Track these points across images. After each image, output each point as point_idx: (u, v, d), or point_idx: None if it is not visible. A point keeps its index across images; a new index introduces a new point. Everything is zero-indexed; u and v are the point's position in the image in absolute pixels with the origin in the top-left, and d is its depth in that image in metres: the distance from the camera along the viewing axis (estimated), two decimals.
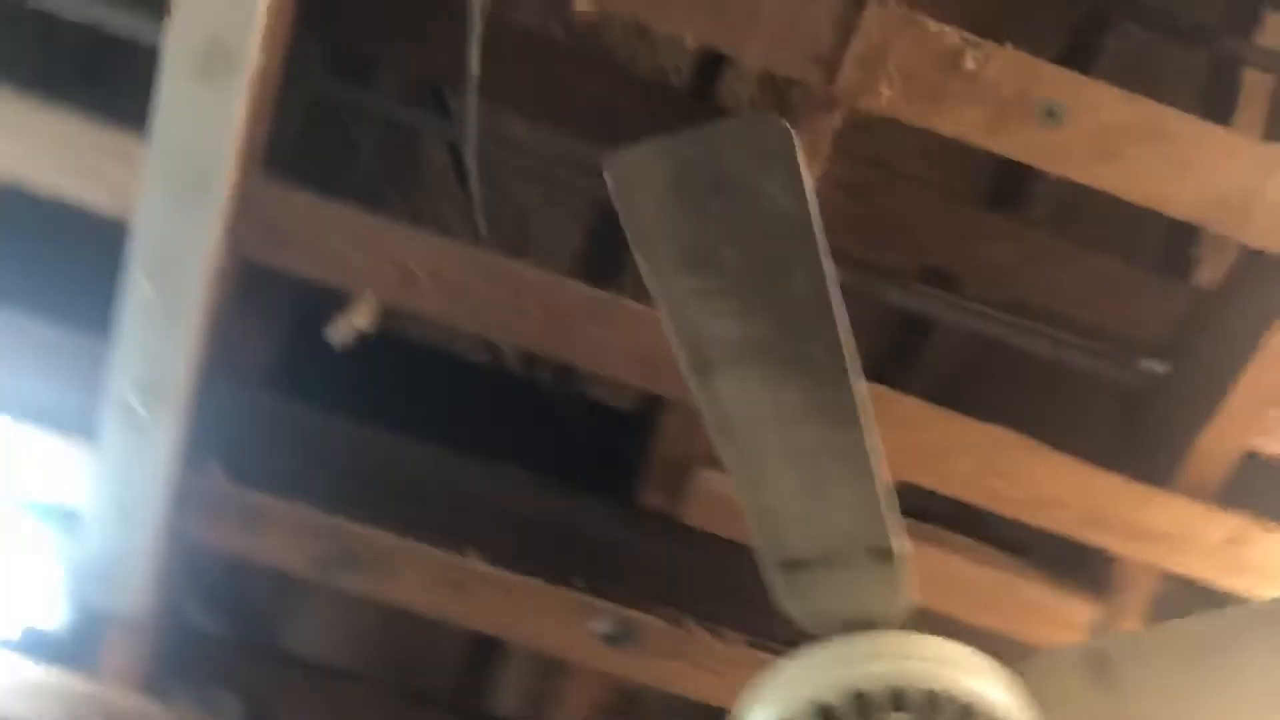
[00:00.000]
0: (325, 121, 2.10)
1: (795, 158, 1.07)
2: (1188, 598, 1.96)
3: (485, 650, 2.55)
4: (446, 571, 1.97)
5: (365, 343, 1.80)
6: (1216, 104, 2.21)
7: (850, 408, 1.30)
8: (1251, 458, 1.94)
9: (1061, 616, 1.97)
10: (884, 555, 1.40)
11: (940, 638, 1.45)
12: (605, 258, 2.20)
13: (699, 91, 2.25)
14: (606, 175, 1.11)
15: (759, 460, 1.35)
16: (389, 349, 1.95)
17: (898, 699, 1.38)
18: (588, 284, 1.80)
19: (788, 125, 1.06)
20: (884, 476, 1.36)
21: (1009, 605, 1.98)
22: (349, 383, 1.96)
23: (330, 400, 1.96)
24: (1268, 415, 1.88)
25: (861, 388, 1.28)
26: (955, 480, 1.88)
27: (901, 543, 1.40)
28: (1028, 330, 2.04)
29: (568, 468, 2.02)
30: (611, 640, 2.01)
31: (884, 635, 1.44)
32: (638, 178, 1.13)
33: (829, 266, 1.16)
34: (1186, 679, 1.46)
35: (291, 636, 2.71)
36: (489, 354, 2.23)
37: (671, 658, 2.03)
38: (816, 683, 1.41)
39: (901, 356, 2.23)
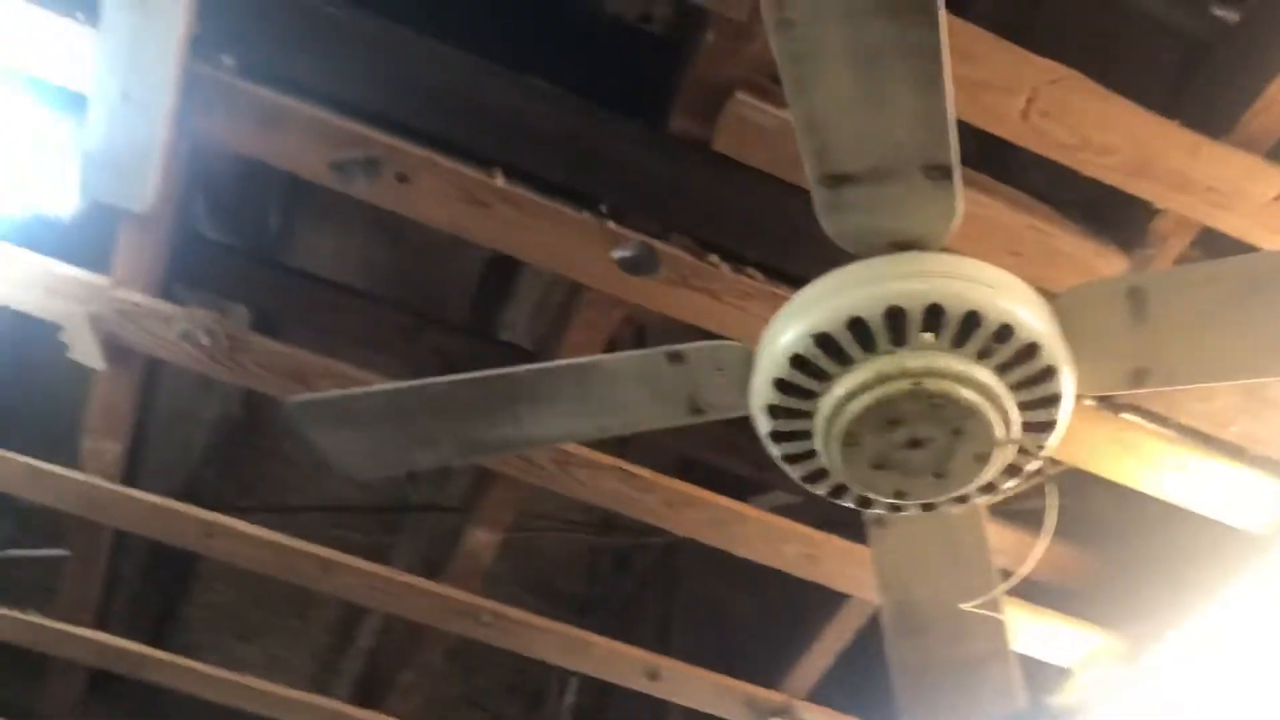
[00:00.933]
0: None
1: None
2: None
3: (499, 274, 2.54)
4: (469, 186, 1.92)
5: None
6: None
7: (929, 2, 1.20)
8: None
9: (1091, 268, 1.94)
10: (939, 172, 1.34)
11: (983, 263, 1.42)
12: None
13: None
14: None
15: (818, 57, 1.26)
16: None
17: (934, 317, 1.37)
18: None
19: None
20: (949, 87, 1.28)
21: (1040, 253, 1.95)
22: None
23: None
24: None
25: None
26: (1005, 119, 1.79)
27: (954, 161, 1.34)
28: None
29: (600, 89, 1.92)
30: (632, 267, 1.99)
31: (927, 255, 1.41)
32: None
33: None
34: (1225, 314, 1.44)
35: (303, 252, 2.69)
36: None
37: (691, 288, 2.01)
38: (854, 296, 1.38)
39: None
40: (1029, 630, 2.55)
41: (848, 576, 2.49)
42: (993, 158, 2.04)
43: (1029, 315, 1.39)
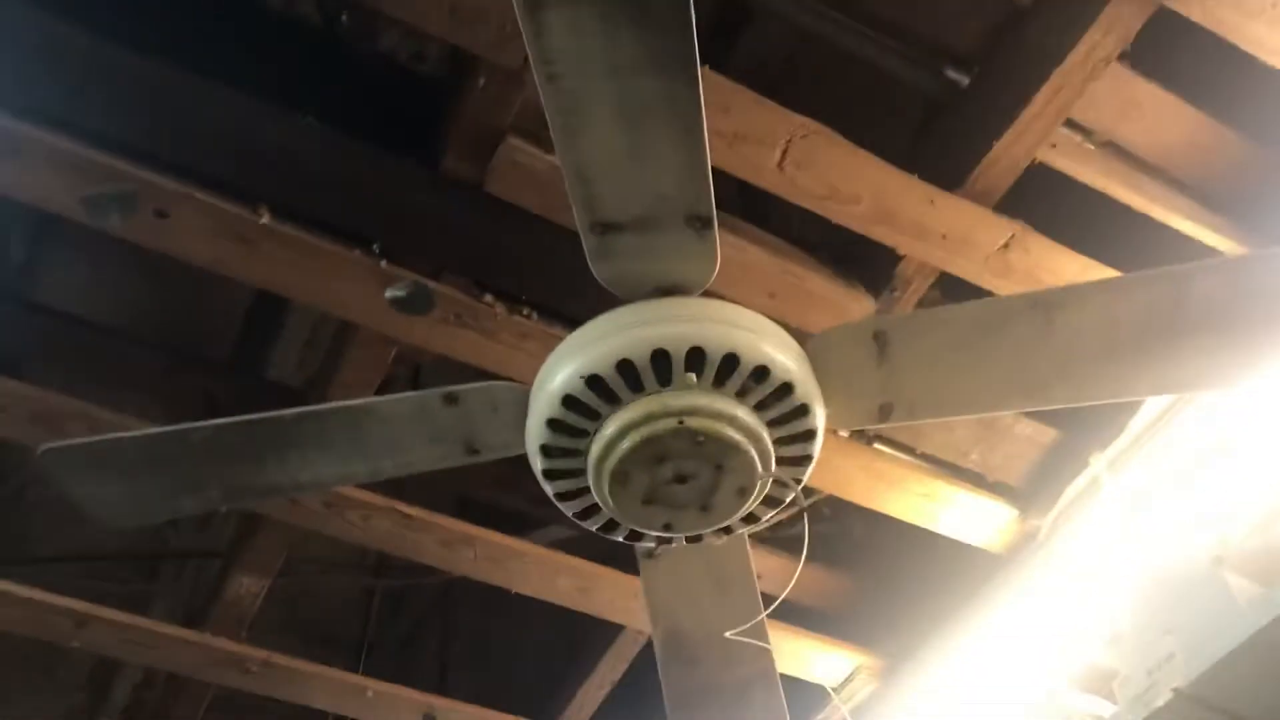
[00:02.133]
0: None
1: None
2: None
3: (266, 312, 2.48)
4: (232, 223, 1.87)
5: None
6: None
7: (689, 61, 1.27)
8: (1038, 170, 2.05)
9: (843, 308, 2.07)
10: (700, 222, 1.41)
11: (741, 307, 1.50)
12: None
13: None
14: None
15: (585, 110, 1.31)
16: None
17: (696, 358, 1.43)
18: None
19: None
20: (706, 143, 1.35)
21: (795, 295, 2.06)
22: (134, 3, 1.76)
23: (110, 23, 1.76)
24: (1058, 130, 1.97)
25: (695, 46, 1.26)
26: (762, 169, 1.90)
27: (713, 212, 1.41)
28: (842, 24, 2.03)
29: (372, 128, 1.91)
30: (405, 306, 1.99)
31: (689, 300, 1.48)
32: None
33: None
34: (958, 355, 1.57)
35: (51, 287, 2.55)
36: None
37: (466, 328, 2.03)
38: (622, 340, 1.43)
39: (720, 35, 2.19)
40: (791, 652, 2.67)
41: (620, 608, 2.55)
42: (753, 205, 2.16)
43: (783, 357, 1.47)
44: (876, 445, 2.36)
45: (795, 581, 1.94)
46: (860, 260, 2.11)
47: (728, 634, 1.73)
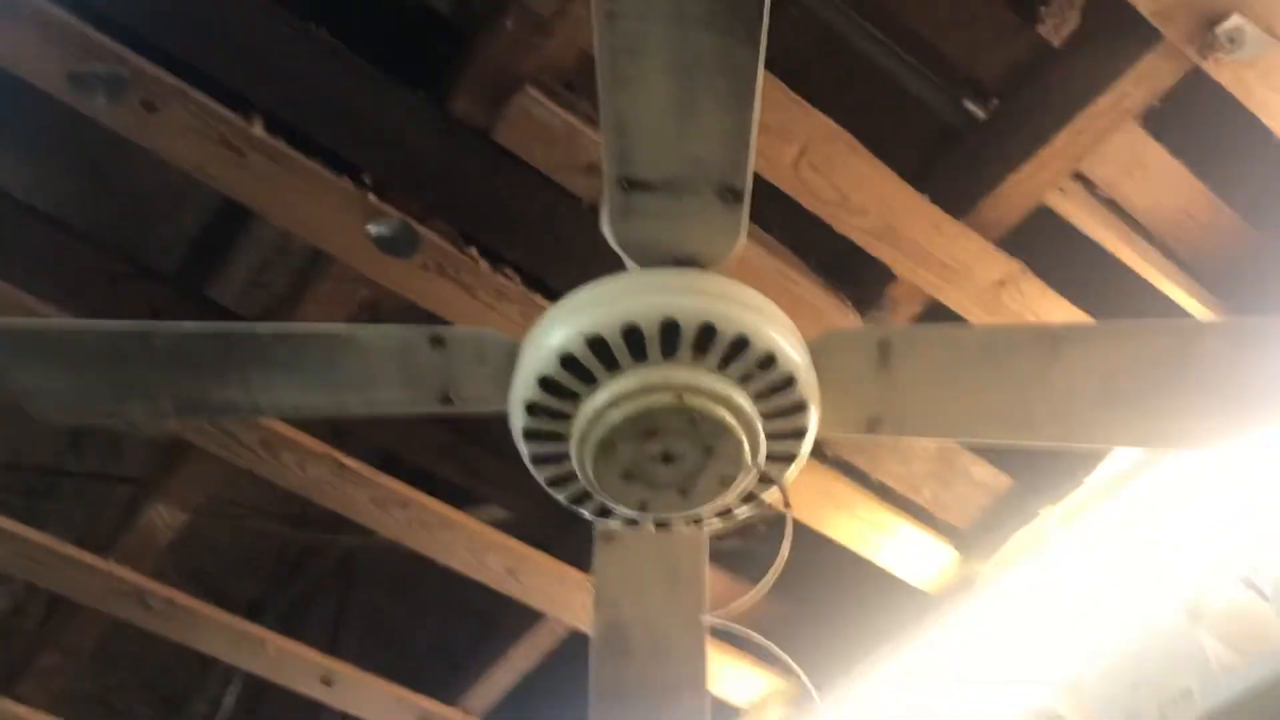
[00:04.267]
0: None
1: None
2: None
3: (216, 236, 2.37)
4: (223, 129, 1.78)
5: None
6: None
7: (755, 25, 1.22)
8: (1037, 215, 2.04)
9: (829, 320, 2.03)
10: (731, 195, 1.36)
11: (756, 292, 1.45)
12: None
13: None
14: None
15: (639, 56, 1.25)
16: None
17: (705, 336, 1.38)
18: None
19: None
20: (756, 114, 1.31)
21: (784, 299, 1.93)
22: None
23: None
24: (1068, 177, 1.96)
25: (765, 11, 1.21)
26: (778, 165, 1.86)
27: (748, 187, 1.37)
28: (867, 32, 2.01)
29: (384, 53, 1.83)
30: (387, 245, 1.90)
31: (705, 274, 1.43)
32: None
33: None
34: (958, 376, 1.54)
35: None
36: None
37: (445, 278, 1.95)
38: (633, 304, 1.38)
39: None
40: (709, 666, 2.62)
41: (546, 595, 2.48)
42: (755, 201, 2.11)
43: (791, 349, 1.43)
44: (832, 468, 2.33)
45: (723, 596, 1.90)
46: (852, 276, 2.08)
47: (704, 616, 1.65)
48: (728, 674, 2.68)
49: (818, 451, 2.30)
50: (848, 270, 2.09)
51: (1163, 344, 1.55)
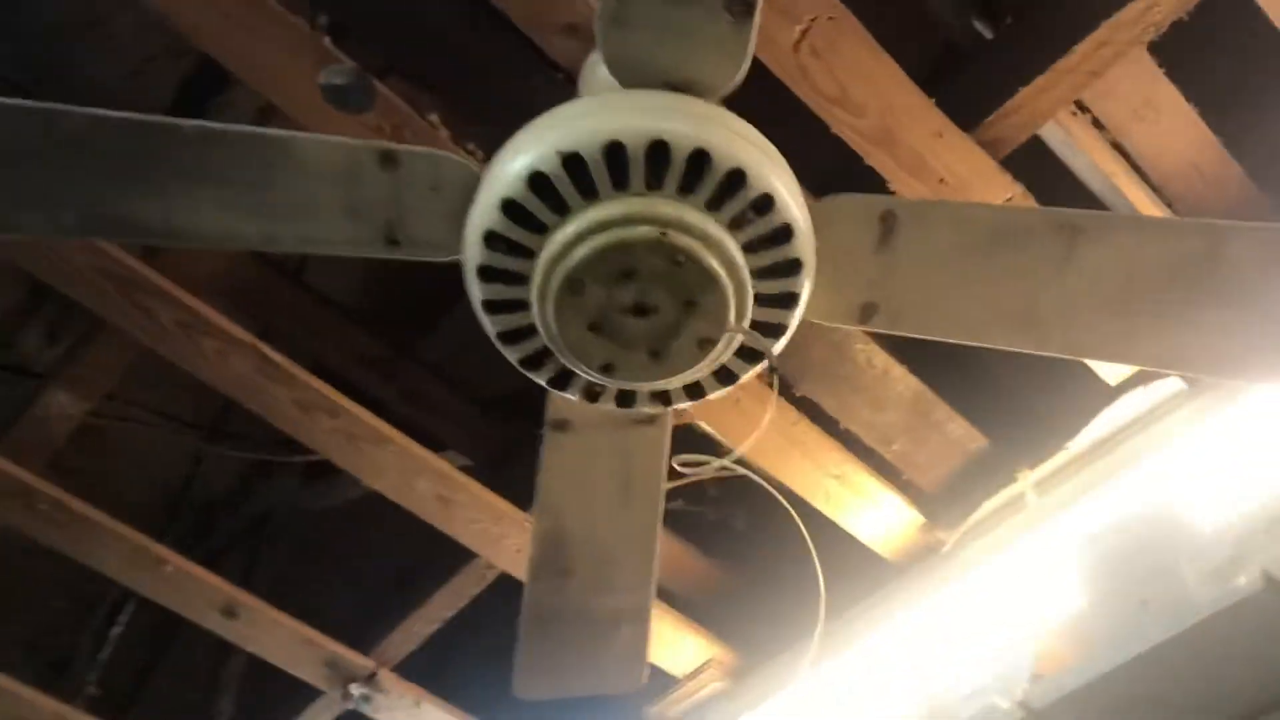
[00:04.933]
0: None
1: None
2: None
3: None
4: None
5: None
6: None
7: None
8: (1042, 149, 1.92)
9: None
10: (742, 9, 1.21)
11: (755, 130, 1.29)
12: None
13: None
14: None
15: None
16: None
17: (696, 167, 1.21)
18: None
19: None
20: None
21: None
22: None
23: None
24: (1076, 108, 1.84)
25: None
26: (778, 48, 1.71)
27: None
28: None
29: None
30: (339, 98, 1.71)
31: (702, 101, 1.26)
32: None
33: None
34: (964, 262, 1.38)
35: None
36: None
37: (398, 141, 1.76)
38: (619, 121, 1.20)
39: None
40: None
41: (479, 531, 2.28)
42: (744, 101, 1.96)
43: (790, 196, 1.26)
44: (800, 411, 2.16)
45: (664, 560, 1.73)
46: (840, 187, 1.93)
47: (677, 461, 1.47)
48: (664, 642, 2.49)
49: (784, 388, 2.15)
50: (838, 186, 1.93)
51: (1191, 245, 1.41)
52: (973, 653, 2.18)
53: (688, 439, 1.68)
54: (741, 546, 2.66)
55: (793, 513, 1.86)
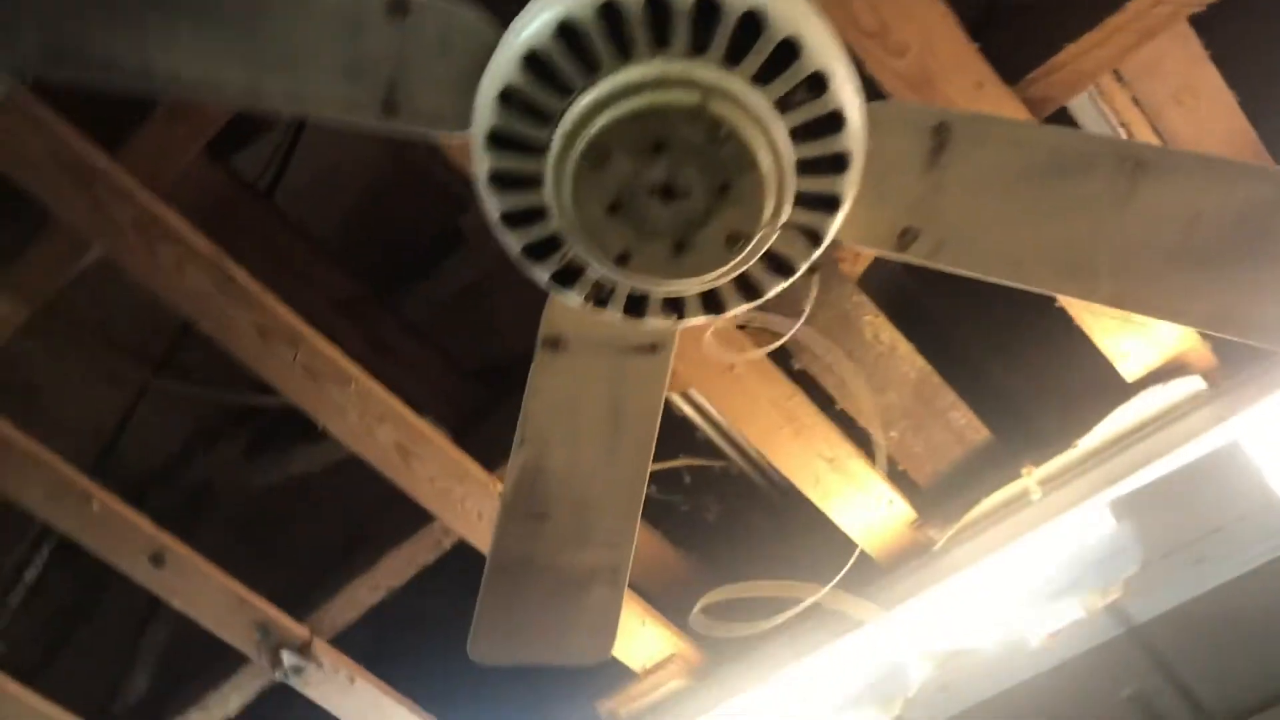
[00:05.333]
0: None
1: None
2: None
3: None
4: None
5: None
6: None
7: None
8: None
9: None
10: None
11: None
12: None
13: None
14: None
15: None
16: None
17: (747, 32, 1.07)
18: None
19: None
20: None
21: None
22: None
23: None
24: (1120, 61, 1.73)
25: None
26: None
27: None
28: None
29: None
30: None
31: None
32: None
33: None
34: (1017, 190, 1.26)
35: None
36: None
37: None
38: None
39: None
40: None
41: (439, 490, 2.11)
42: None
43: (847, 79, 1.13)
44: (798, 385, 2.02)
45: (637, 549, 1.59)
46: None
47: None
48: (625, 631, 2.32)
49: (782, 360, 2.01)
50: None
51: (1260, 193, 1.30)
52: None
53: (668, 424, 1.54)
54: (713, 539, 2.51)
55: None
